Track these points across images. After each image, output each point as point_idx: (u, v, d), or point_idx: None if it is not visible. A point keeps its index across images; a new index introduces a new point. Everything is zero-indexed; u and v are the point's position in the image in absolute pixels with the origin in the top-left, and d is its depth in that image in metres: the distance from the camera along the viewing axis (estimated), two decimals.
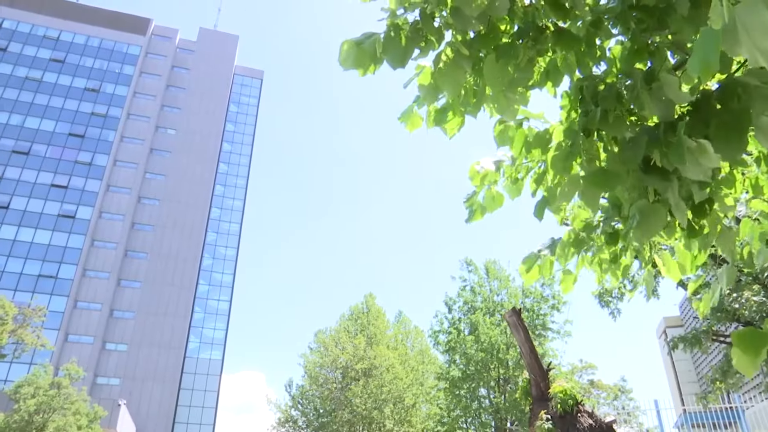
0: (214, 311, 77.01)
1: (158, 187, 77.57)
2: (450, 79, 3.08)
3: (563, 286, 4.12)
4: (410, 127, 3.56)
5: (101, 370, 64.62)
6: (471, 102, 3.34)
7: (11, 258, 64.94)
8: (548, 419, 7.12)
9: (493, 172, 3.77)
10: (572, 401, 7.06)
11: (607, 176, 3.02)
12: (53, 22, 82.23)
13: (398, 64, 2.96)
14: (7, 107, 74.07)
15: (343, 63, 2.96)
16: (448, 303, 30.58)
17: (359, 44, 2.94)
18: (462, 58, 3.04)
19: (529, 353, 7.91)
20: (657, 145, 2.77)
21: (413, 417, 34.83)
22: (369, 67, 2.99)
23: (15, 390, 35.74)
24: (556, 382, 7.55)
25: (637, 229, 2.97)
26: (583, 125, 3.17)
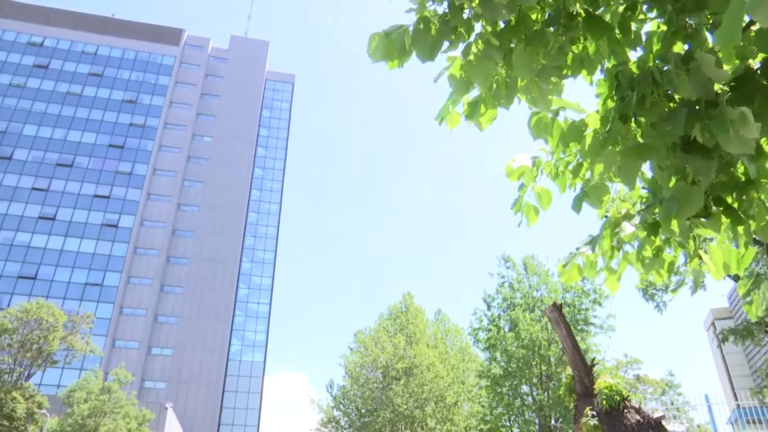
0: (254, 314, 78.12)
1: (197, 194, 79.15)
2: (481, 70, 3.03)
3: (609, 286, 3.96)
4: (450, 125, 3.52)
5: (148, 374, 66.28)
6: (503, 94, 3.29)
7: (59, 267, 67.19)
8: (594, 416, 6.97)
9: (530, 168, 3.69)
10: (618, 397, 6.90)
11: (643, 149, 2.93)
12: (91, 38, 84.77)
13: (427, 57, 2.92)
14: (50, 122, 76.74)
15: (372, 55, 2.93)
16: (486, 300, 30.29)
17: (388, 35, 2.91)
18: (492, 49, 2.99)
19: (572, 349, 7.77)
20: (697, 118, 2.67)
21: (455, 415, 34.63)
22: (397, 60, 2.96)
23: (68, 394, 36.94)
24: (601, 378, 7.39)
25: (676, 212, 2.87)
26: (620, 111, 3.08)
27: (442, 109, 3.45)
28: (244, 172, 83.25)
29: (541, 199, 3.76)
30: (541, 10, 3.11)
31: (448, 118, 3.45)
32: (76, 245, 69.14)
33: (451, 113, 3.44)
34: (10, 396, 32.60)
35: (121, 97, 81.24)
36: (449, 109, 3.43)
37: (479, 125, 3.38)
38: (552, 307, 8.14)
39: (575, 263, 3.82)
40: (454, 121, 3.46)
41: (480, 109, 3.33)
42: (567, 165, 3.72)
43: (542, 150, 3.75)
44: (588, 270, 3.84)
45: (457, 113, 3.43)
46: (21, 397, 33.17)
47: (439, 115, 3.46)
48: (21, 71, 79.77)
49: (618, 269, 3.94)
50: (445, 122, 3.46)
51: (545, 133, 3.52)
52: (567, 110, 3.49)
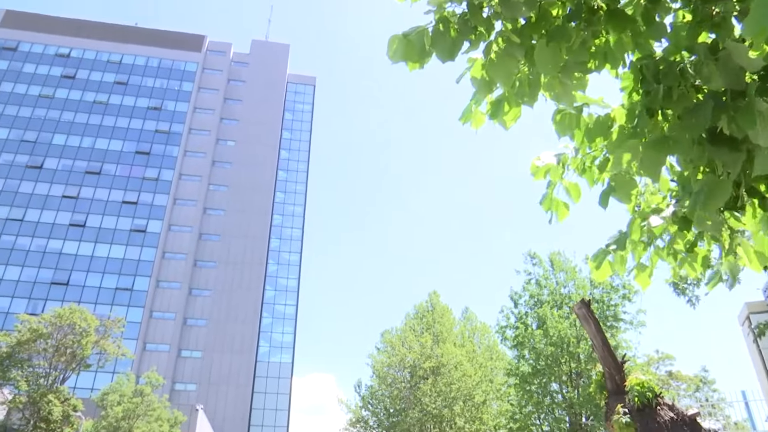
0: (281, 316, 78.74)
1: (222, 198, 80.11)
2: (502, 69, 3.01)
3: (640, 282, 3.89)
4: (474, 125, 3.51)
5: (178, 377, 67.27)
6: (526, 92, 3.26)
7: (90, 273, 68.59)
8: (626, 413, 6.87)
9: (556, 165, 3.65)
10: (650, 394, 6.79)
11: (667, 141, 2.87)
12: (115, 47, 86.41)
13: (447, 58, 2.91)
14: (78, 131, 78.42)
15: (392, 57, 2.93)
16: (513, 298, 30.05)
17: (407, 37, 2.91)
18: (513, 47, 2.97)
19: (602, 345, 7.67)
20: (724, 110, 2.62)
21: (484, 414, 34.44)
22: (418, 61, 2.96)
23: (102, 397, 37.71)
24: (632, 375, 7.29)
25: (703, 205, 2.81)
26: (646, 105, 3.04)
27: (465, 110, 3.43)
28: (267, 175, 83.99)
29: (570, 193, 3.73)
30: (562, 6, 3.07)
31: (472, 119, 3.44)
32: (106, 251, 70.51)
33: (474, 113, 3.43)
34: (46, 399, 33.37)
35: (146, 105, 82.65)
36: (473, 109, 3.42)
37: (503, 124, 3.36)
38: (580, 304, 8.04)
39: (606, 260, 3.76)
40: (478, 121, 3.44)
41: (503, 107, 3.31)
42: (593, 160, 3.68)
43: (567, 147, 3.71)
44: (618, 266, 3.79)
45: (481, 113, 3.42)
46: (57, 400, 33.93)
47: (463, 116, 3.45)
48: (49, 82, 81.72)
49: (649, 265, 3.87)
50: (470, 123, 3.44)
51: (570, 130, 3.48)
52: (592, 106, 3.45)
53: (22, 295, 65.82)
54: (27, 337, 35.10)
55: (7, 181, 73.18)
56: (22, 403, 33.67)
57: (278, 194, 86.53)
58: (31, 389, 34.20)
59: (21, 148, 75.82)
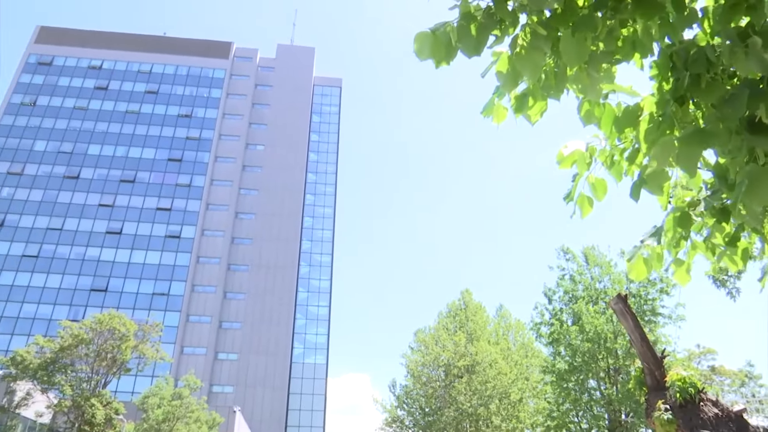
0: (314, 317, 79.34)
1: (253, 202, 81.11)
2: (529, 62, 2.96)
3: (678, 279, 3.77)
4: (496, 120, 3.46)
5: (215, 379, 68.34)
6: (552, 85, 3.20)
7: (128, 279, 70.20)
8: (667, 409, 6.71)
9: (584, 153, 3.56)
10: (693, 389, 6.61)
11: (703, 135, 2.78)
12: (145, 57, 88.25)
13: (473, 53, 2.87)
14: (112, 140, 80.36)
15: (418, 54, 2.91)
16: (547, 294, 29.65)
17: (434, 32, 2.88)
18: (540, 40, 2.91)
19: (640, 341, 7.51)
20: (761, 98, 2.52)
21: (521, 412, 34.10)
22: (444, 57, 2.92)
23: (142, 401, 38.57)
24: (673, 370, 7.11)
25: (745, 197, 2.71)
26: (674, 93, 2.95)
27: (488, 104, 3.39)
28: (297, 177, 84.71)
29: (595, 189, 3.63)
30: None
31: (494, 113, 3.39)
32: (143, 257, 72.06)
33: (497, 107, 3.38)
34: (89, 403, 34.26)
35: (176, 112, 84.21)
36: (495, 103, 3.37)
37: (529, 118, 3.31)
38: (617, 299, 7.89)
39: (640, 257, 3.65)
40: (500, 115, 3.39)
41: (528, 101, 3.25)
42: (623, 152, 3.59)
43: (596, 137, 3.62)
44: (654, 262, 3.67)
45: (503, 107, 3.37)
46: (99, 403, 34.80)
47: (485, 110, 3.41)
48: (83, 94, 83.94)
49: (686, 259, 3.75)
50: (492, 117, 3.39)
51: (597, 120, 3.40)
52: (620, 95, 3.36)
53: (63, 302, 67.73)
54: (69, 342, 36.09)
55: (47, 192, 75.42)
56: (67, 406, 34.64)
57: (308, 196, 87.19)
58: (75, 393, 35.16)
59: (58, 159, 78.08)
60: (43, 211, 73.80)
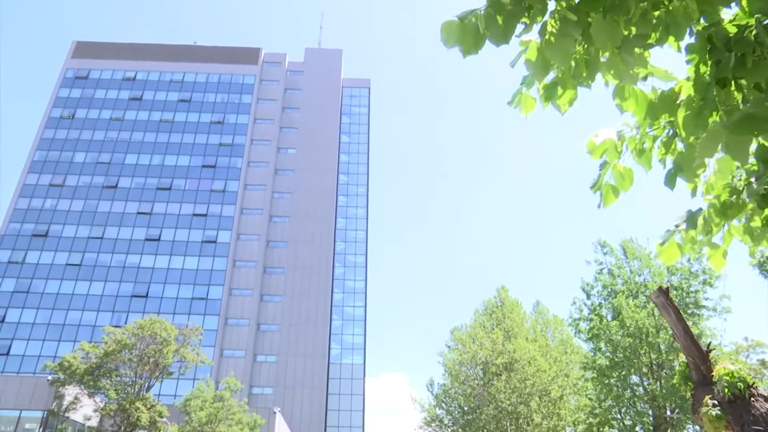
0: (351, 317, 79.70)
1: (286, 205, 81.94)
2: (559, 49, 2.87)
3: (714, 263, 3.65)
4: (524, 110, 3.38)
5: (255, 381, 69.25)
6: (583, 72, 3.10)
7: (167, 284, 71.69)
8: (715, 405, 6.47)
9: (615, 142, 3.45)
10: (742, 384, 6.36)
11: (755, 121, 2.64)
12: (177, 66, 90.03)
13: (501, 41, 2.80)
14: (148, 149, 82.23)
15: (446, 42, 2.85)
16: (585, 289, 29.11)
17: (462, 20, 2.81)
18: (570, 26, 2.82)
19: (684, 335, 7.27)
20: None
21: (562, 410, 33.60)
22: (472, 46, 2.85)
23: (185, 403, 39.30)
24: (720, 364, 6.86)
25: None
26: (717, 75, 2.82)
27: (515, 94, 3.30)
28: (329, 179, 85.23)
29: (622, 179, 3.52)
30: None
31: (522, 103, 3.30)
32: (181, 262, 73.51)
33: (524, 97, 3.29)
34: (134, 406, 35.09)
35: (209, 119, 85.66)
36: (522, 93, 3.28)
37: (558, 108, 3.21)
38: (658, 292, 7.66)
39: (673, 240, 3.53)
40: (528, 105, 3.31)
41: (557, 90, 3.16)
42: (654, 140, 3.47)
43: (626, 125, 3.51)
44: (687, 247, 3.54)
45: (531, 97, 3.28)
46: (144, 407, 35.61)
47: (513, 100, 3.32)
48: (119, 105, 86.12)
49: (722, 244, 3.61)
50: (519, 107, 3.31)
51: (632, 106, 3.29)
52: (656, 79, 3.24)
53: (106, 308, 69.56)
54: (113, 348, 37.03)
55: (87, 202, 77.60)
56: (113, 410, 35.54)
57: (340, 198, 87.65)
58: (120, 397, 36.05)
59: (97, 169, 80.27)
60: (84, 220, 75.97)
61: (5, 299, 69.93)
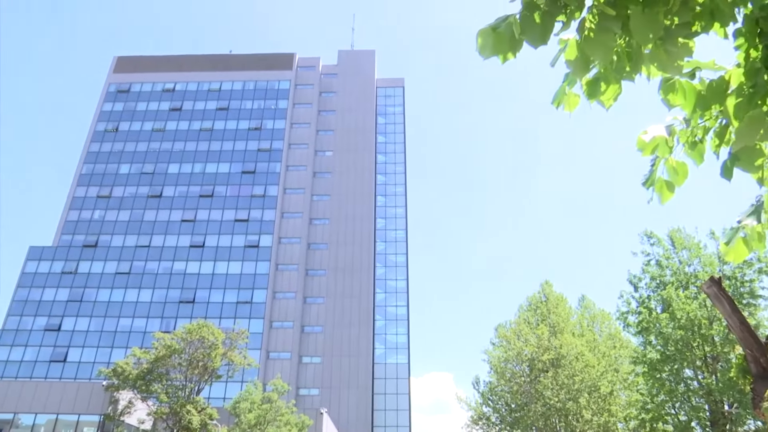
0: (393, 317, 79.81)
1: (325, 207, 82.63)
2: (599, 45, 2.81)
3: None
4: (568, 108, 3.33)
5: (301, 382, 70.06)
6: (626, 66, 3.03)
7: (213, 290, 73.21)
8: None
9: (665, 137, 3.36)
10: None
11: None
12: (214, 76, 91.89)
13: (539, 42, 2.77)
14: (189, 158, 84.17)
15: (481, 52, 2.83)
16: (632, 281, 28.38)
17: (495, 29, 2.79)
18: (608, 20, 2.76)
19: (740, 326, 7.02)
20: None
21: (612, 405, 32.86)
22: (509, 53, 2.83)
23: (234, 406, 40.05)
24: None
25: None
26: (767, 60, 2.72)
27: (558, 92, 3.25)
28: (367, 180, 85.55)
29: (675, 173, 3.42)
30: None
31: (565, 101, 3.25)
32: (225, 267, 74.98)
33: (568, 95, 3.23)
34: (185, 409, 35.95)
35: (247, 126, 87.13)
36: (566, 91, 3.23)
37: (602, 104, 3.15)
38: (709, 282, 7.42)
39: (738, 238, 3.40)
40: (572, 103, 3.25)
41: (600, 86, 3.10)
42: (706, 132, 3.37)
43: (676, 118, 3.41)
44: (756, 243, 3.41)
45: (574, 95, 3.22)
46: (194, 409, 36.45)
47: (556, 99, 3.27)
48: (160, 116, 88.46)
49: None
50: (563, 106, 3.26)
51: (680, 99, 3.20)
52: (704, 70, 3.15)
53: (155, 314, 71.51)
54: (163, 353, 38.03)
55: (133, 212, 79.94)
56: (165, 413, 36.51)
57: (379, 198, 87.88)
58: (171, 401, 37.00)
59: (142, 180, 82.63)
60: (131, 230, 78.29)
61: (60, 308, 72.68)
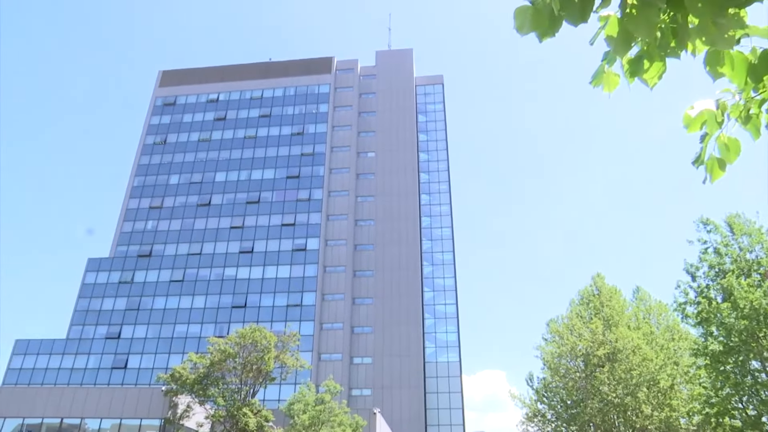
0: (443, 315, 79.39)
1: (370, 208, 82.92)
2: (642, 21, 2.64)
3: None
4: (607, 88, 3.16)
5: (353, 383, 70.48)
6: (670, 42, 2.84)
7: (263, 294, 74.50)
8: None
9: (714, 112, 3.14)
10: None
11: None
12: (255, 84, 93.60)
13: (580, 20, 2.62)
14: (235, 166, 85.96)
15: (519, 29, 2.70)
16: (689, 270, 27.32)
17: (534, 4, 2.66)
18: None
19: None
20: None
21: (673, 400, 31.70)
22: (548, 30, 2.69)
23: (288, 407, 40.59)
24: None
25: None
26: None
27: (597, 72, 3.08)
28: (410, 179, 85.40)
29: (727, 150, 3.20)
30: None
31: (604, 81, 3.08)
32: (274, 272, 76.19)
33: (607, 75, 3.06)
34: (241, 412, 36.65)
35: (289, 132, 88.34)
36: (605, 70, 3.06)
37: (646, 83, 2.96)
38: None
39: None
40: (612, 83, 3.08)
41: (644, 64, 2.91)
42: (761, 104, 3.13)
43: (726, 91, 3.19)
44: None
45: (614, 74, 3.05)
46: (250, 412, 37.12)
47: (594, 79, 3.10)
48: (205, 127, 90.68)
49: None
50: (602, 86, 3.09)
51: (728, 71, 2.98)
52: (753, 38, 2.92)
53: (209, 320, 73.33)
54: (218, 357, 38.88)
55: (184, 221, 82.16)
56: (222, 416, 37.30)
57: (423, 197, 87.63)
58: (228, 404, 37.77)
59: (191, 189, 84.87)
60: (183, 238, 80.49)
61: (119, 317, 75.35)
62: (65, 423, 40.02)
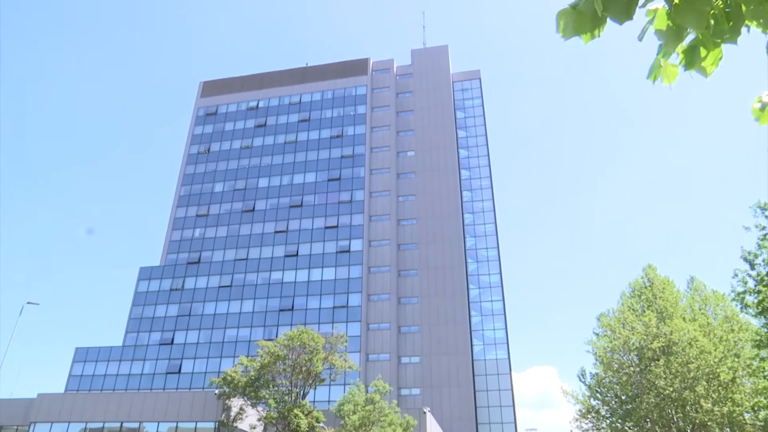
0: (489, 312, 78.63)
1: (412, 208, 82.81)
2: (692, 11, 2.55)
3: None
4: (667, 80, 3.06)
5: (402, 383, 70.51)
6: (725, 28, 2.74)
7: (309, 296, 75.33)
8: None
9: None
10: None
11: None
12: (293, 89, 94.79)
13: (625, 18, 2.54)
14: (277, 171, 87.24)
15: (563, 34, 2.65)
16: (747, 258, 26.23)
17: (575, 8, 2.60)
18: None
19: None
20: None
21: (736, 394, 30.52)
22: (592, 32, 2.63)
23: (338, 408, 40.93)
24: None
25: None
26: None
27: (653, 66, 2.99)
28: (451, 177, 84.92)
29: None
30: None
31: (663, 74, 2.98)
32: (320, 274, 76.94)
33: (665, 67, 2.97)
34: (293, 413, 37.15)
35: (329, 134, 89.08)
36: (662, 63, 2.96)
37: (703, 71, 2.86)
38: None
39: None
40: (670, 74, 2.98)
41: (700, 53, 2.81)
42: None
43: None
44: None
45: (672, 66, 2.95)
46: (301, 413, 37.60)
47: (651, 73, 3.01)
48: (246, 134, 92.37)
49: None
50: (660, 79, 2.99)
51: None
52: None
53: (258, 324, 74.60)
54: (268, 360, 39.52)
55: (230, 227, 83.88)
56: (274, 418, 37.90)
57: (465, 193, 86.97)
58: (279, 405, 38.36)
59: (235, 196, 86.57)
60: (229, 244, 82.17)
61: (171, 323, 77.46)
62: (125, 427, 41.40)
